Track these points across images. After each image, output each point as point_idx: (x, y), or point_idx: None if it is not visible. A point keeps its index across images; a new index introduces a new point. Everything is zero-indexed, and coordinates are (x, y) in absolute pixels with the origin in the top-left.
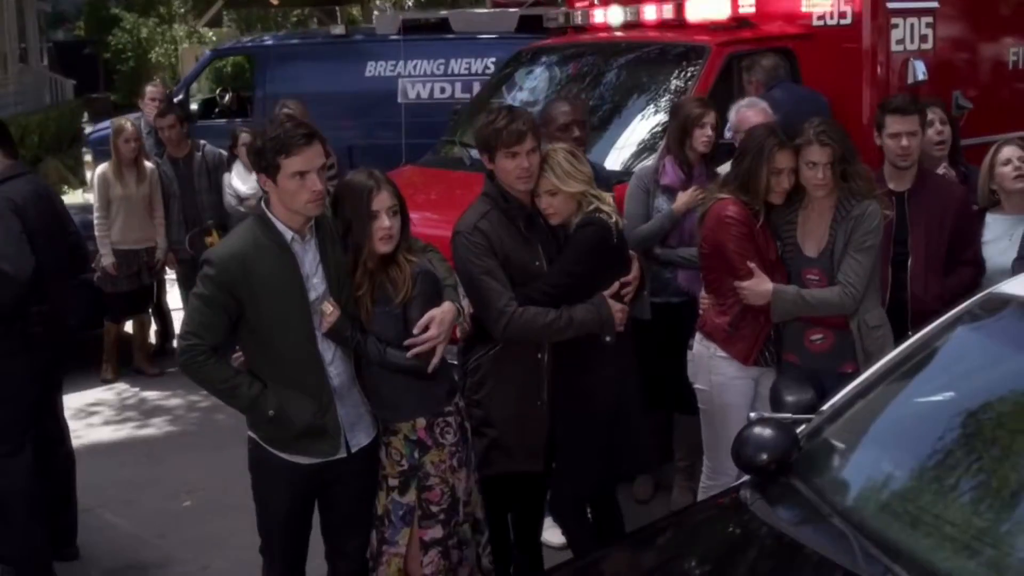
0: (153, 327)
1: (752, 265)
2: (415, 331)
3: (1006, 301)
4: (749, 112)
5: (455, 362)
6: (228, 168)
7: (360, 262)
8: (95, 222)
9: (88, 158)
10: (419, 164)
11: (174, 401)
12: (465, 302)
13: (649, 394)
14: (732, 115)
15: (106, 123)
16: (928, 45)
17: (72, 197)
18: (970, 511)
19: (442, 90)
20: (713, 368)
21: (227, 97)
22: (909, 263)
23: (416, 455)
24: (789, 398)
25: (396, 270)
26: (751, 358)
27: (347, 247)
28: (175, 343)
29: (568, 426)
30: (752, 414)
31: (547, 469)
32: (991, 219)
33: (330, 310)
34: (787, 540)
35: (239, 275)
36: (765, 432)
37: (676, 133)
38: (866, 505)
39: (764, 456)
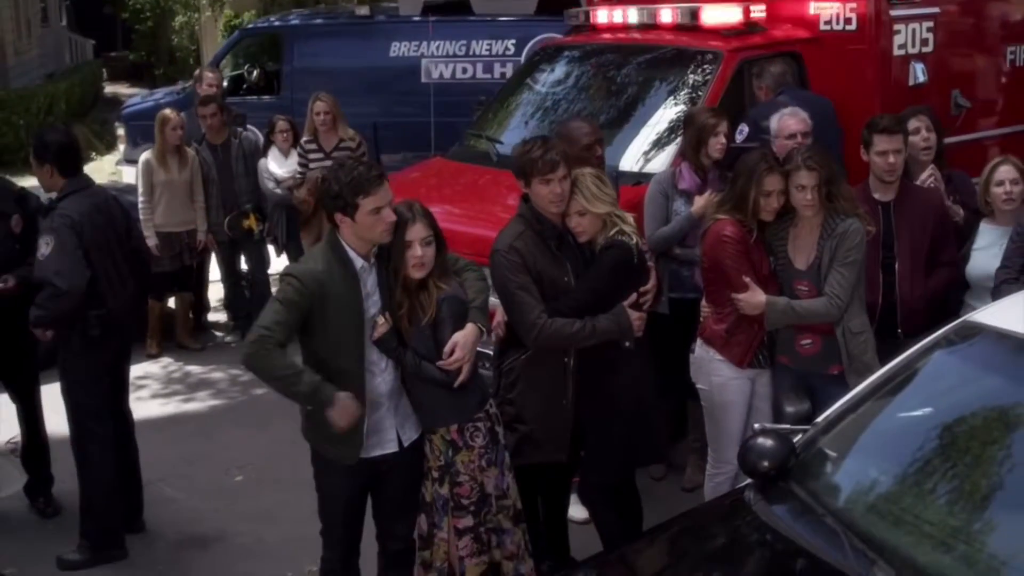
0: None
1: (747, 279)
2: (444, 353)
3: (978, 329)
4: (791, 120)
5: (488, 371)
6: (264, 154)
7: (399, 283)
8: (140, 206)
9: (121, 132)
10: (448, 156)
11: (217, 375)
12: (500, 311)
13: (665, 381)
14: (774, 122)
15: (137, 98)
16: (928, 48)
17: (100, 163)
18: (946, 512)
19: (464, 71)
20: (712, 370)
21: (255, 74)
22: (896, 267)
23: (450, 453)
24: (789, 409)
25: (425, 295)
26: (746, 361)
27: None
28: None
29: (594, 422)
30: (756, 425)
31: (571, 459)
32: (984, 228)
33: (382, 323)
34: (785, 538)
35: (317, 291)
36: (766, 442)
37: (692, 141)
38: (855, 506)
39: (765, 463)
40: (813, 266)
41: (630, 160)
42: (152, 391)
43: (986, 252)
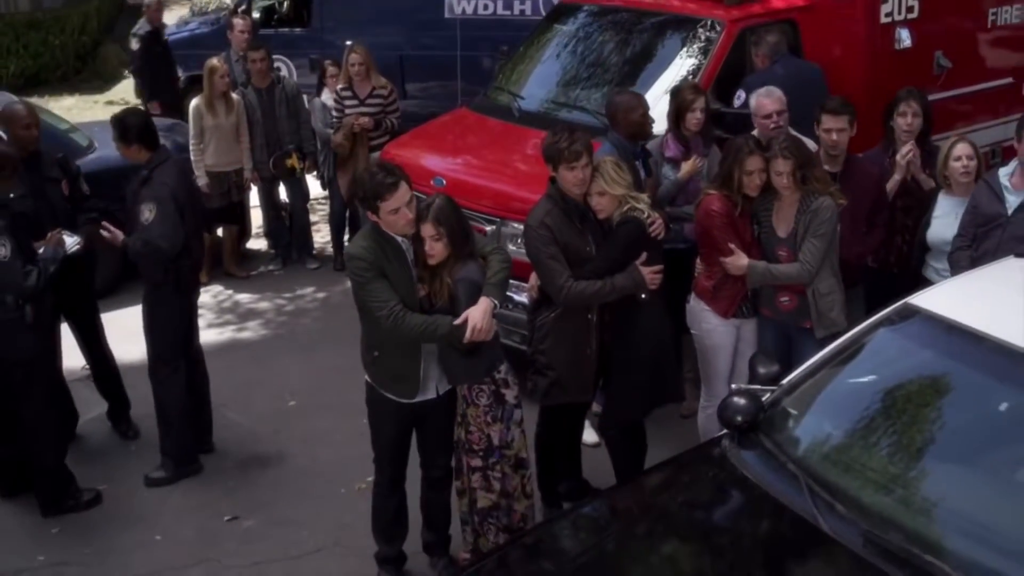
0: None
1: (732, 246)
2: (456, 323)
3: (916, 311)
4: (766, 101)
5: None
6: (318, 93)
7: (420, 265)
8: (191, 148)
9: None
10: (472, 108)
11: (263, 304)
12: (533, 276)
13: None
14: (752, 100)
15: (172, 27)
16: (914, 15)
17: (130, 82)
18: (886, 462)
19: (485, 7)
20: (702, 319)
21: (285, 4)
22: (838, 228)
23: (464, 406)
24: (760, 371)
25: (439, 280)
26: (730, 312)
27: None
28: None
29: (618, 368)
30: (732, 386)
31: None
32: (942, 199)
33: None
34: (753, 482)
35: (376, 261)
36: (740, 400)
37: (672, 115)
38: (812, 456)
39: (739, 418)
40: (791, 235)
41: None
42: (207, 321)
43: (943, 220)
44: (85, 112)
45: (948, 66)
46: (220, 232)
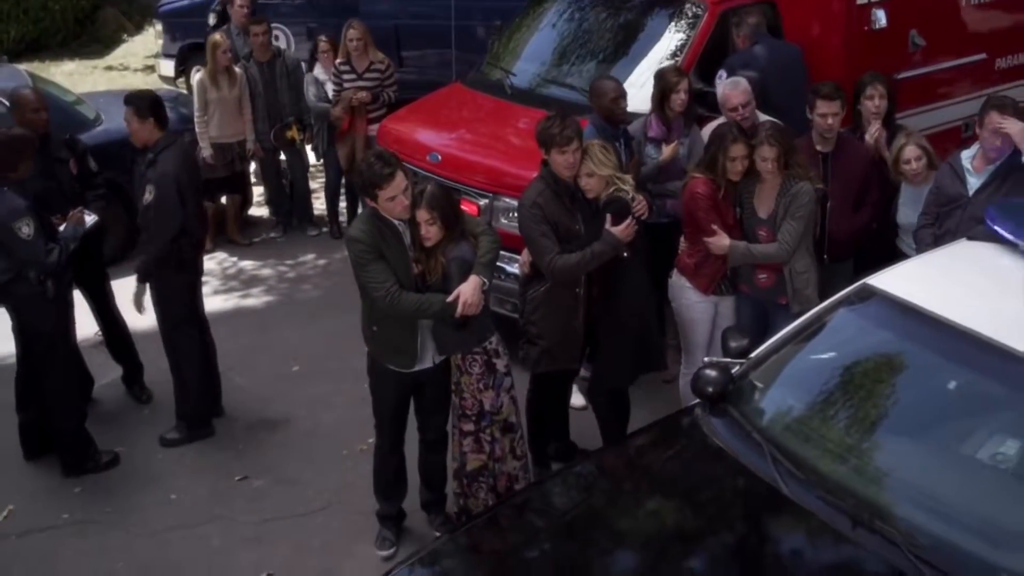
0: None
1: (715, 227)
2: (449, 300)
3: (873, 292)
4: (731, 93)
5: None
6: (311, 68)
7: (416, 246)
8: (195, 121)
9: (158, 27)
10: (466, 83)
11: (266, 271)
12: (525, 253)
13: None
14: (719, 91)
15: None
16: None
17: (131, 45)
18: (843, 433)
19: None
20: (683, 295)
21: None
22: (829, 205)
23: (457, 374)
24: (731, 344)
25: (433, 260)
26: (710, 289)
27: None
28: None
29: (605, 338)
30: (704, 359)
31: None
32: (905, 187)
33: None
34: (721, 448)
35: (375, 243)
36: (711, 372)
37: (657, 97)
38: (774, 426)
39: (710, 388)
40: (772, 216)
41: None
42: (213, 287)
43: (909, 205)
44: (86, 77)
45: (922, 44)
46: (224, 200)
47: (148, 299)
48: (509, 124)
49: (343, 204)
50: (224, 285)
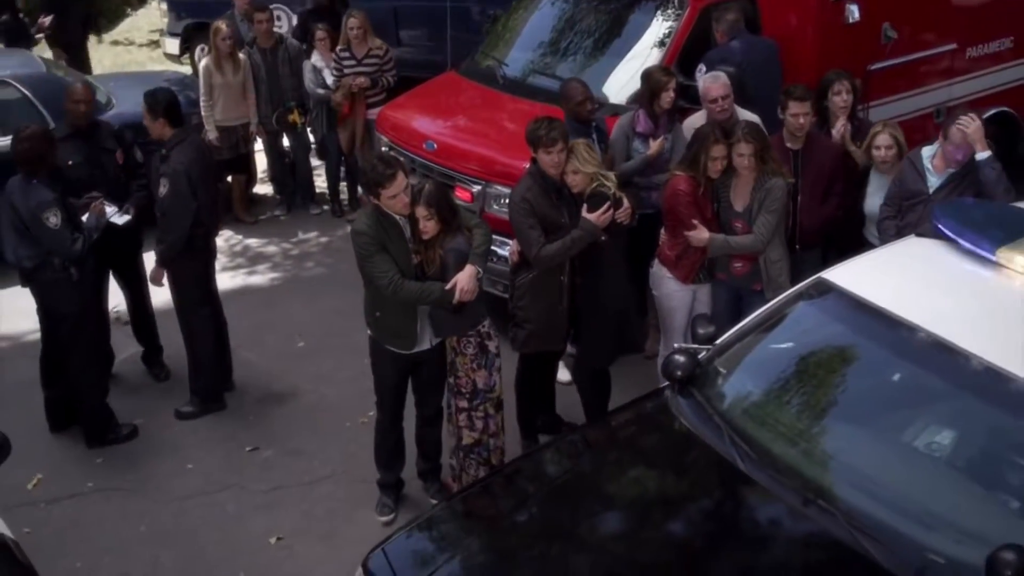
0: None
1: (695, 221)
2: (447, 288)
3: (830, 287)
4: (712, 86)
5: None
6: (308, 56)
7: (415, 239)
8: (201, 105)
9: (163, 5)
10: (460, 72)
11: (271, 249)
12: (514, 243)
13: (632, 271)
14: (700, 84)
15: None
16: None
17: (135, 20)
18: (795, 418)
19: None
20: (664, 284)
21: None
22: (799, 198)
23: (453, 355)
24: (699, 331)
25: (431, 251)
26: (688, 279)
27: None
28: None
29: (587, 323)
30: (675, 344)
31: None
32: (873, 175)
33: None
34: (686, 427)
35: (377, 235)
36: (680, 358)
37: (647, 95)
38: (734, 409)
39: (679, 372)
40: (747, 209)
41: (609, 91)
42: (222, 264)
43: (876, 194)
44: (92, 52)
45: (895, 36)
46: (229, 179)
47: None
48: (500, 114)
49: (345, 183)
50: (232, 262)
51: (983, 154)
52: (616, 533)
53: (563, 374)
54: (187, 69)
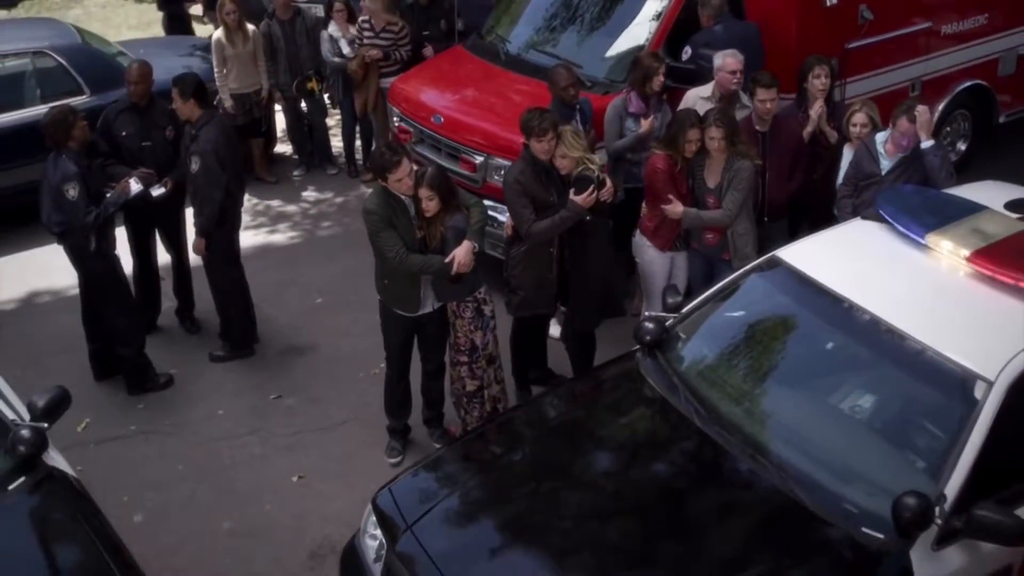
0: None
1: (671, 196)
2: (446, 260)
3: (779, 262)
4: (730, 60)
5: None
6: (325, 26)
7: (419, 216)
8: (215, 75)
9: None
10: (467, 47)
11: (290, 208)
12: (508, 218)
13: (621, 239)
14: (718, 59)
15: None
16: None
17: None
18: (741, 380)
19: None
20: (645, 252)
21: None
22: (767, 175)
23: (452, 318)
24: (668, 300)
25: (433, 228)
26: (666, 247)
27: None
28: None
29: (574, 290)
30: (646, 312)
31: (551, 313)
32: (845, 152)
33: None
34: (651, 386)
35: (385, 213)
36: (649, 324)
37: (639, 78)
38: (690, 371)
39: (648, 337)
40: (718, 187)
41: (601, 70)
42: (245, 223)
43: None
44: (118, 10)
45: (871, 18)
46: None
47: None
48: (502, 90)
49: (359, 144)
50: (255, 221)
51: (927, 143)
52: (592, 474)
53: (554, 330)
54: (210, 28)
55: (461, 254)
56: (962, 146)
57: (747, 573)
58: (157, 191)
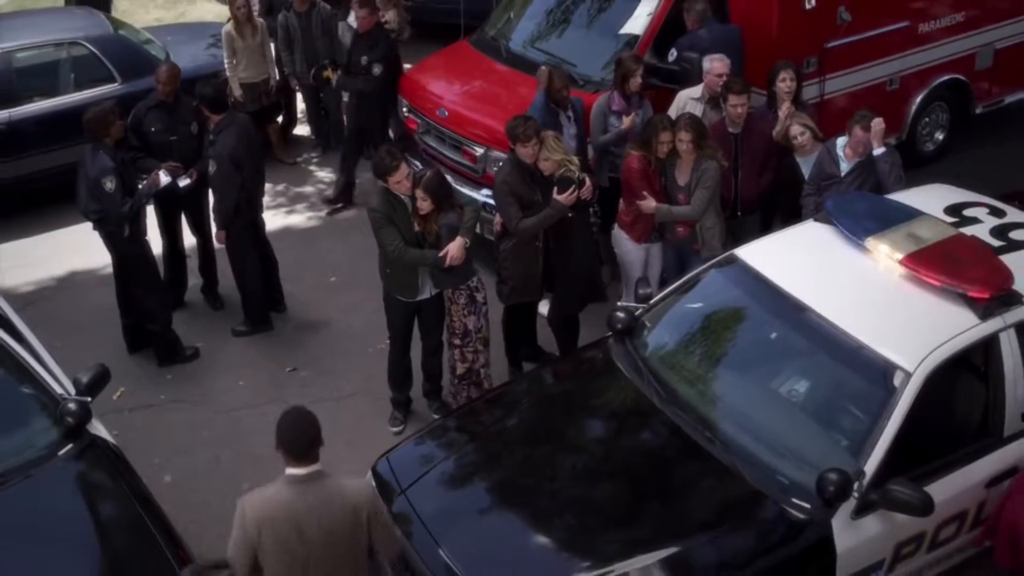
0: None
1: (645, 193)
2: (440, 254)
3: (736, 260)
4: (718, 64)
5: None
6: (343, 17)
7: (415, 214)
8: (226, 66)
9: None
10: (471, 43)
11: (307, 188)
12: (498, 216)
13: (605, 224)
14: (706, 63)
15: None
16: None
17: None
18: (695, 366)
19: None
20: (622, 243)
21: None
22: (740, 173)
23: (447, 303)
24: (639, 292)
25: (430, 223)
26: (642, 239)
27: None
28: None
29: (559, 280)
30: (619, 303)
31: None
32: (796, 158)
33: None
34: (619, 369)
35: (387, 210)
36: (620, 313)
37: (619, 79)
38: (652, 356)
39: (619, 325)
40: (687, 184)
41: (594, 69)
42: (265, 203)
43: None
44: (147, 2)
45: (849, 19)
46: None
47: None
48: (502, 86)
49: None
50: (274, 202)
51: (878, 150)
52: (568, 443)
53: (544, 308)
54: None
55: (453, 249)
56: (940, 136)
57: (691, 537)
58: (183, 182)
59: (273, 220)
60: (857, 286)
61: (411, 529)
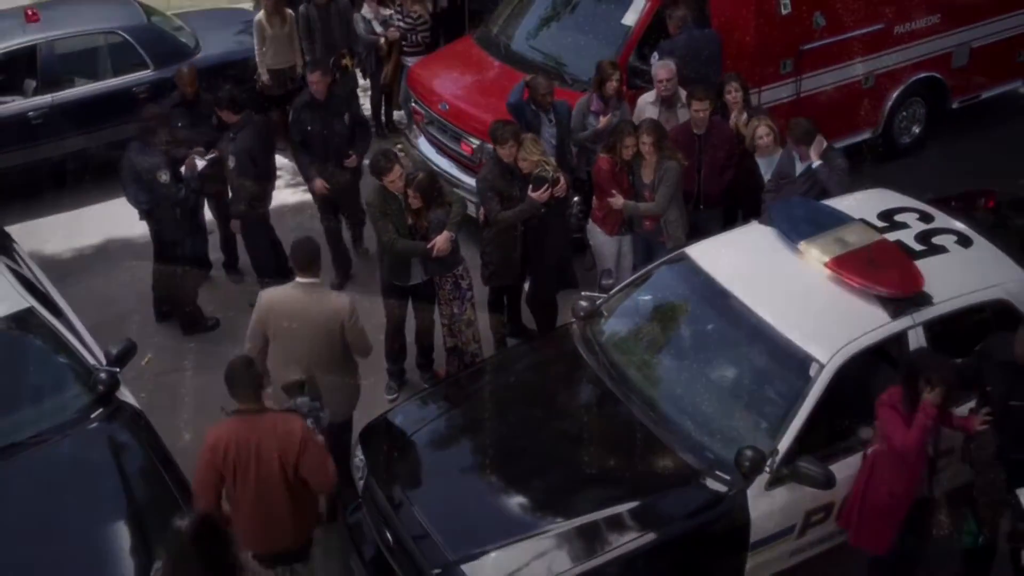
0: None
1: (614, 191)
2: (428, 245)
3: (684, 257)
4: (660, 71)
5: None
6: (359, 9)
7: (407, 209)
8: (256, 53)
9: None
10: (475, 40)
11: None
12: (483, 209)
13: (586, 210)
14: (653, 69)
15: None
16: None
17: None
18: (642, 350)
19: None
20: (596, 236)
21: None
22: (702, 170)
23: (435, 288)
24: (602, 282)
25: (421, 218)
26: (614, 232)
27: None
28: None
29: (536, 265)
30: (583, 293)
31: (519, 284)
32: (759, 159)
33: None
34: (578, 352)
35: (382, 205)
36: (583, 302)
37: (596, 82)
38: (608, 341)
39: (582, 312)
40: (652, 183)
41: (584, 70)
42: (285, 182)
43: (768, 171)
44: None
45: (824, 23)
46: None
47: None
48: (499, 83)
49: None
50: (293, 180)
51: (816, 162)
52: (531, 416)
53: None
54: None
55: (440, 241)
56: (916, 129)
57: (625, 504)
58: (201, 163)
59: (291, 197)
60: (787, 285)
61: (390, 490)
